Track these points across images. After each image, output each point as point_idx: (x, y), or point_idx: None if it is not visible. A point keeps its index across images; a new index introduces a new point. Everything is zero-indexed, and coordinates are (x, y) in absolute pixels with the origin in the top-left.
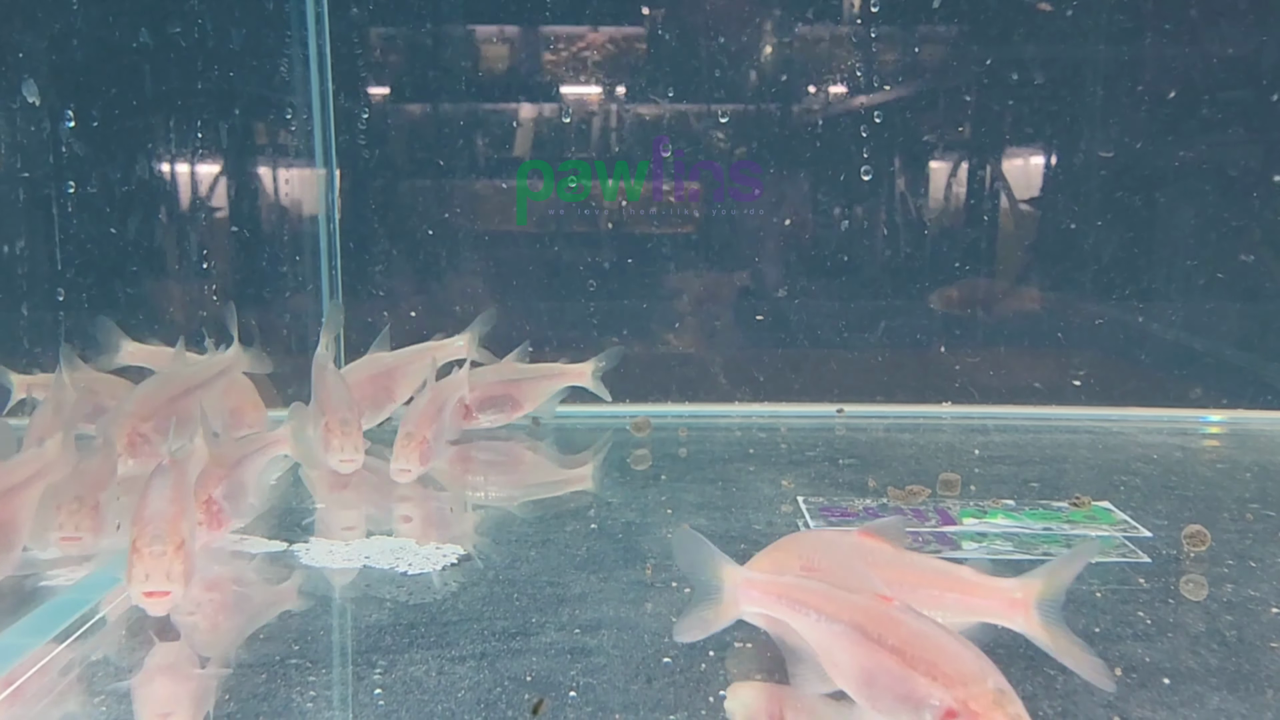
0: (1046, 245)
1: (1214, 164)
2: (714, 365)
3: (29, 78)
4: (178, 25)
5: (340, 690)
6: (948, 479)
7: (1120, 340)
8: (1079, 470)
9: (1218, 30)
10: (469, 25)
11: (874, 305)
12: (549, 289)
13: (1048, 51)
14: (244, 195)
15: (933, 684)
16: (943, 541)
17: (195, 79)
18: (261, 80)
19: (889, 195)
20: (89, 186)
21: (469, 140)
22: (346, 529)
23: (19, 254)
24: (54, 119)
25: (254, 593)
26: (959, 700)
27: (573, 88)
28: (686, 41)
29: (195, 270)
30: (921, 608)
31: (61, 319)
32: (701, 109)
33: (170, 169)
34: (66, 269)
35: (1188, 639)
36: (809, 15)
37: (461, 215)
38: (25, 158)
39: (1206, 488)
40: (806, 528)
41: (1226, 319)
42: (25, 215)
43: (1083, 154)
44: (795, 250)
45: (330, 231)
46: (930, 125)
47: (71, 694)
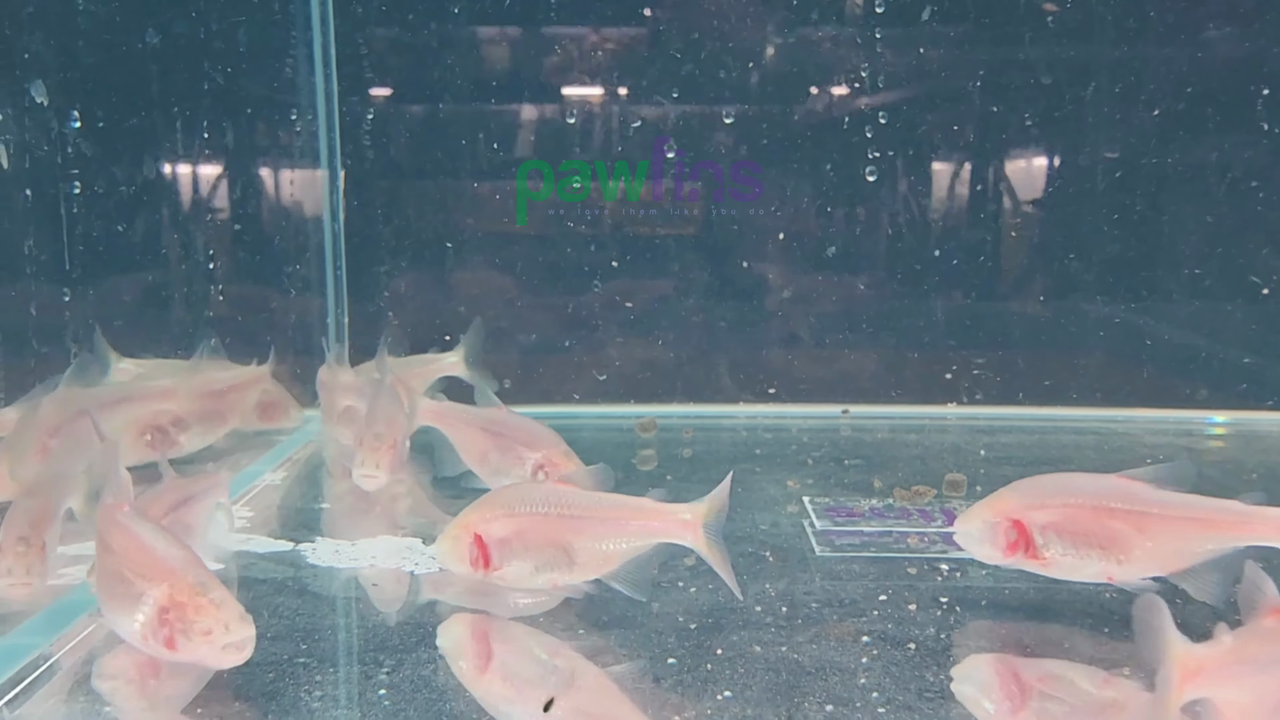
0: (1051, 246)
1: (1219, 165)
2: (719, 366)
3: (37, 79)
4: (183, 26)
5: (347, 689)
6: (954, 479)
7: (1125, 341)
8: (1085, 471)
9: (1222, 31)
10: (472, 26)
11: (878, 305)
12: (549, 289)
13: (1052, 53)
14: (249, 196)
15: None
16: (949, 541)
17: (200, 80)
18: (266, 81)
19: (893, 196)
20: (95, 186)
21: (473, 141)
22: (352, 528)
23: (27, 253)
24: (60, 119)
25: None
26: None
27: (574, 89)
28: (687, 43)
29: (200, 270)
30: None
31: (68, 319)
32: (702, 110)
33: (175, 169)
34: (73, 268)
35: (1192, 638)
36: (812, 16)
37: (464, 216)
38: (33, 158)
39: (1211, 488)
40: (812, 528)
41: (1232, 320)
42: (32, 215)
43: (1087, 155)
44: (799, 250)
45: (334, 232)
46: (933, 126)
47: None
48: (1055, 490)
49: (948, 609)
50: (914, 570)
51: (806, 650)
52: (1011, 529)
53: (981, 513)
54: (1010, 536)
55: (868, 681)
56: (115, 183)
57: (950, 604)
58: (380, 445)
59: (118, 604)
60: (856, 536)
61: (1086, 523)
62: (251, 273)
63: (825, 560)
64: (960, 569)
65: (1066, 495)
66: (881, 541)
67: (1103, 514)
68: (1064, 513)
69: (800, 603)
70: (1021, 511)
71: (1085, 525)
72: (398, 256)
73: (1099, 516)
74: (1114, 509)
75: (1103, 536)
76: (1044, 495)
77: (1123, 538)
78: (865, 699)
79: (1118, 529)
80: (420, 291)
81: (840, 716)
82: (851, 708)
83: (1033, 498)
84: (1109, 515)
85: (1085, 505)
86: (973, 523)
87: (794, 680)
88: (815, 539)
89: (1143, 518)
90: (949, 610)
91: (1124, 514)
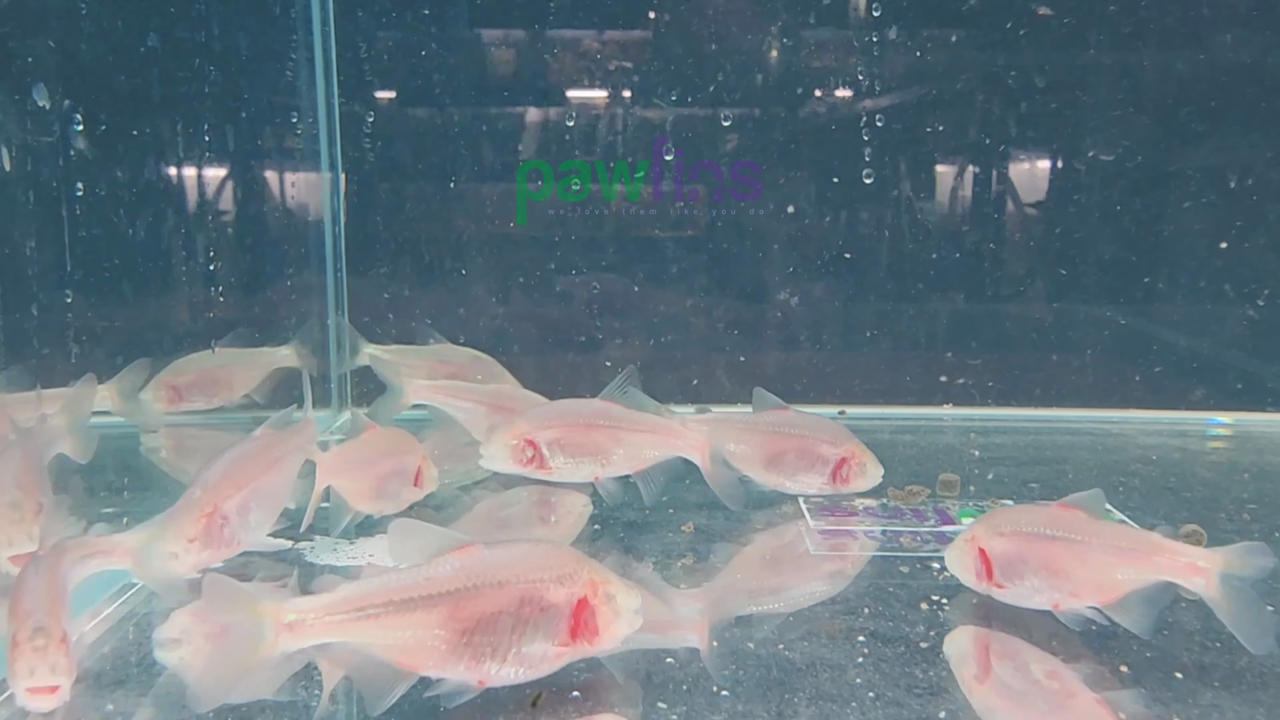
0: (1051, 248)
1: (1217, 167)
2: (716, 366)
3: (39, 82)
4: (185, 30)
5: (346, 684)
6: (947, 479)
7: (1120, 343)
8: (1078, 471)
9: (1221, 34)
10: (473, 29)
11: (876, 307)
12: (549, 289)
13: (1051, 56)
14: (250, 199)
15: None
16: (941, 541)
17: (202, 83)
18: (267, 85)
19: (891, 198)
20: (97, 189)
21: (473, 143)
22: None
23: (29, 255)
24: (63, 122)
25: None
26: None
27: (574, 91)
28: (688, 44)
29: (201, 273)
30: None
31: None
32: (702, 111)
33: (176, 173)
34: (75, 270)
35: (1183, 636)
36: (810, 19)
37: (465, 217)
38: (35, 160)
39: (1205, 489)
40: (807, 527)
41: (1228, 322)
42: (35, 217)
43: (1086, 158)
44: (797, 252)
45: (335, 235)
46: (933, 128)
47: None
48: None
49: (940, 608)
50: (906, 569)
51: (799, 648)
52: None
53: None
54: (978, 565)
55: (861, 679)
56: (117, 185)
57: (942, 603)
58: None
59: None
60: (850, 535)
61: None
62: (251, 275)
63: (820, 559)
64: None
65: (1020, 524)
66: (875, 540)
67: (1045, 544)
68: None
69: (795, 601)
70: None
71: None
72: (398, 258)
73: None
74: (1055, 539)
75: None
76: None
77: (1064, 567)
78: (857, 696)
79: (1060, 558)
80: (422, 293)
81: (832, 713)
82: (844, 704)
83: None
84: (1050, 545)
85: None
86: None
87: (785, 677)
88: (810, 538)
89: (1083, 548)
90: (941, 609)
91: (1065, 544)
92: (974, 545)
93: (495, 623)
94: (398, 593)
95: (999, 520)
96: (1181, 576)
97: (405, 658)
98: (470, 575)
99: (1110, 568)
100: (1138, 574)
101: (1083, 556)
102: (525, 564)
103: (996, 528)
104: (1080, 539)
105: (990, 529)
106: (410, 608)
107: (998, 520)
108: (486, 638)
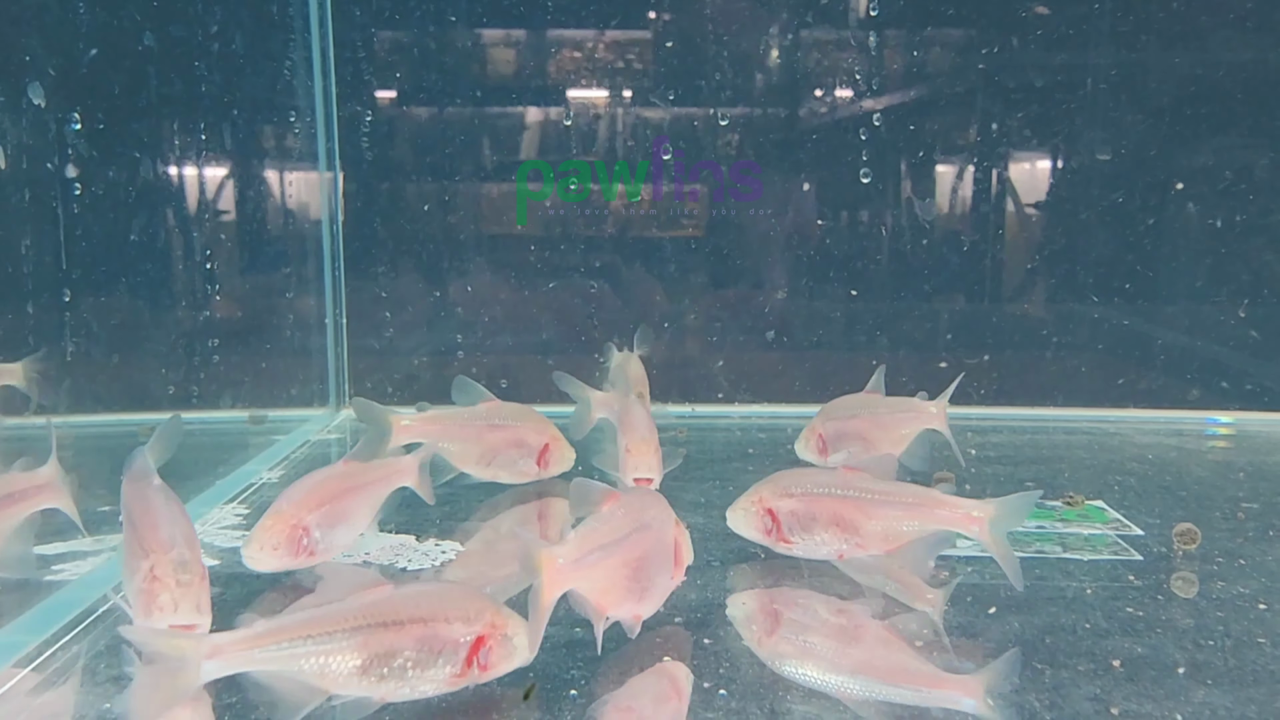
0: (1049, 248)
1: (1216, 167)
2: (714, 366)
3: (35, 81)
4: (182, 29)
5: None
6: (941, 478)
7: (1116, 342)
8: (1074, 470)
9: (1221, 35)
10: (471, 29)
11: (874, 307)
12: (549, 289)
13: (1050, 56)
14: (248, 198)
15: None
16: None
17: (199, 82)
18: (265, 84)
19: (890, 198)
20: (94, 188)
21: (472, 143)
22: None
23: (25, 253)
24: (59, 121)
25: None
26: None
27: (574, 90)
28: (688, 44)
29: (199, 272)
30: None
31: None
32: (702, 111)
33: (174, 172)
34: (72, 269)
35: (1176, 634)
36: (809, 19)
37: (464, 217)
38: (30, 159)
39: (1200, 487)
40: None
41: (1225, 321)
42: (31, 215)
43: (1085, 158)
44: (795, 252)
45: (334, 234)
46: (932, 129)
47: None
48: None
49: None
50: None
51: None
52: (766, 515)
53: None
54: (766, 524)
55: None
56: (113, 184)
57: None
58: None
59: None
60: None
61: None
62: (250, 274)
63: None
64: (946, 567)
65: (807, 486)
66: None
67: (834, 502)
68: (805, 502)
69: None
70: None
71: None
72: (396, 258)
73: (832, 504)
74: (845, 498)
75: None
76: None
77: (853, 521)
78: None
79: (849, 514)
80: (421, 293)
81: (824, 709)
82: (836, 701)
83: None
84: (840, 503)
85: (822, 495)
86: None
87: (779, 675)
88: None
89: (869, 504)
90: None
91: (854, 502)
92: (762, 505)
93: (398, 655)
94: (313, 627)
95: (785, 481)
96: (960, 526)
97: (316, 681)
98: (378, 613)
99: (897, 520)
100: (921, 525)
101: (870, 512)
102: (434, 604)
103: (785, 489)
104: (869, 497)
105: (777, 490)
106: (324, 640)
107: (784, 481)
108: (391, 666)
